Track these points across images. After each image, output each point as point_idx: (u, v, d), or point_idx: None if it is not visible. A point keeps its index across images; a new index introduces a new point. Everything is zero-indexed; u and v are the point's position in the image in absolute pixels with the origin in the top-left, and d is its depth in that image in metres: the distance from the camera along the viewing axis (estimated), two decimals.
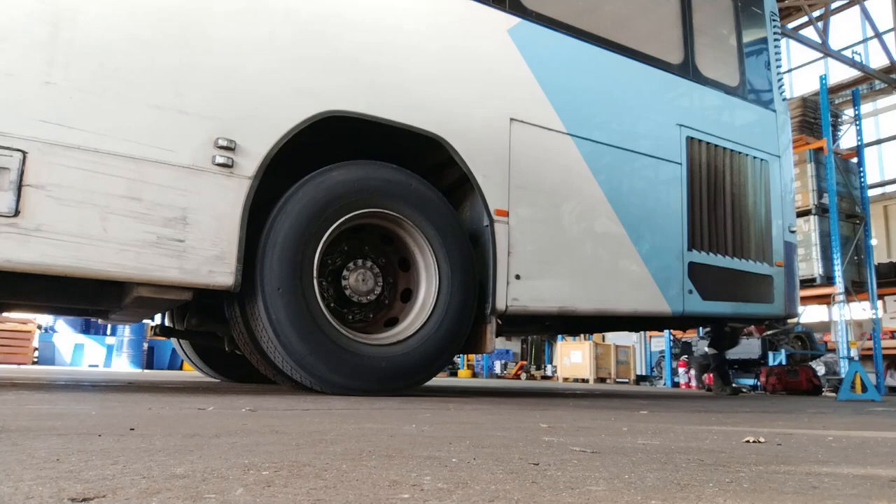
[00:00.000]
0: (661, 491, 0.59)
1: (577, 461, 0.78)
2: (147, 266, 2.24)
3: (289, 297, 2.50)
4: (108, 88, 2.25)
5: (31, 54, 2.14)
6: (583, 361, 11.51)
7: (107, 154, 2.21)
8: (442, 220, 2.89)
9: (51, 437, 0.90)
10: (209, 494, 0.52)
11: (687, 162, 3.96)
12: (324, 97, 2.66)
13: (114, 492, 0.52)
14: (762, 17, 4.66)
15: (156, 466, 0.65)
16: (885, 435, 1.41)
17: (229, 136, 2.43)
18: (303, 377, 2.59)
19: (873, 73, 12.02)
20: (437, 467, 0.70)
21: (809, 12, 11.80)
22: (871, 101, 14.39)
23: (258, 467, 0.66)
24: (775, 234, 4.40)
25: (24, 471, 0.60)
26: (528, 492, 0.57)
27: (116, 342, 10.45)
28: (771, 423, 1.76)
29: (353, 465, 0.69)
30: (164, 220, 2.28)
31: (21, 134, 2.08)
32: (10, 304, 3.37)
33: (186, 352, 4.44)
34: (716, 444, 1.04)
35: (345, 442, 0.93)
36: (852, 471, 0.77)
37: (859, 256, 7.82)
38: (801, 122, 7.83)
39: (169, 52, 2.39)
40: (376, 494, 0.54)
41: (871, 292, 7.71)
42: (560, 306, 3.18)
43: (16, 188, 2.05)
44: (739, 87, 4.41)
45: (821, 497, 0.58)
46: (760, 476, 0.70)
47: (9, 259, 2.04)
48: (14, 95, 2.10)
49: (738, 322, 5.50)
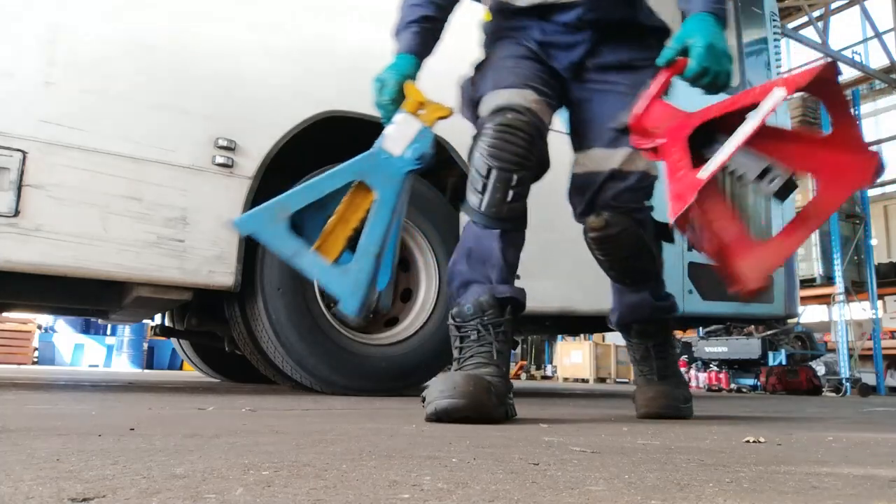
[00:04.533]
0: (661, 491, 0.59)
1: (577, 461, 0.78)
2: (147, 266, 2.24)
3: (289, 297, 2.50)
4: (109, 88, 2.25)
5: (31, 54, 2.15)
6: (583, 361, 11.50)
7: (107, 154, 2.21)
8: (442, 221, 2.88)
9: (51, 437, 0.90)
10: (209, 494, 0.52)
11: None
12: (324, 98, 2.66)
13: (114, 492, 0.52)
14: (762, 17, 4.66)
15: (156, 466, 0.65)
16: (885, 435, 1.41)
17: (229, 135, 2.43)
18: (303, 377, 2.59)
19: (873, 73, 12.03)
20: (437, 467, 0.70)
21: (809, 12, 11.81)
22: (871, 101, 14.39)
23: (258, 467, 0.66)
24: None
25: (24, 471, 0.60)
26: (528, 492, 0.57)
27: (116, 342, 10.45)
28: (771, 423, 1.77)
29: (353, 465, 0.69)
30: (164, 220, 2.28)
31: (21, 134, 2.08)
32: (10, 304, 3.37)
33: (186, 352, 4.44)
34: (716, 444, 1.05)
35: (345, 442, 0.93)
36: (852, 471, 0.77)
37: (859, 256, 7.83)
38: (801, 122, 7.83)
39: (169, 51, 2.39)
40: (376, 494, 0.54)
41: (871, 292, 7.71)
42: (560, 306, 3.17)
43: (16, 188, 2.05)
44: (739, 87, 4.40)
45: (821, 497, 0.58)
46: (760, 476, 0.70)
47: (9, 259, 2.04)
48: (14, 95, 2.10)
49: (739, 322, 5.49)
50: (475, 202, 1.68)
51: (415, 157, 1.70)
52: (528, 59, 1.81)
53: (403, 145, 1.71)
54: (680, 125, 1.63)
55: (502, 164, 1.63)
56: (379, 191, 1.67)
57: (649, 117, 1.66)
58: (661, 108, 1.66)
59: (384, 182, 1.68)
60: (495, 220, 1.66)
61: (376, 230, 1.65)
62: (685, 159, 1.56)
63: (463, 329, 1.61)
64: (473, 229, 1.70)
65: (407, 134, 1.72)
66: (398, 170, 1.69)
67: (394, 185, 1.69)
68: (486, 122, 1.70)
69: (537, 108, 1.72)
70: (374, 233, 1.65)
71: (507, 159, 1.63)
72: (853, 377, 6.90)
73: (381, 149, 1.71)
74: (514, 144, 1.64)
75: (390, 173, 1.69)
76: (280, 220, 1.60)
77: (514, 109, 1.68)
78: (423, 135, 1.73)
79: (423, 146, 1.72)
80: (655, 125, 1.65)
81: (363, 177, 1.67)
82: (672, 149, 1.60)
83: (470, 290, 1.66)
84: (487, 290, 1.63)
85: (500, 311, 1.60)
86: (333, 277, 1.63)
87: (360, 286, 1.62)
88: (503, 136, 1.64)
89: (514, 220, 1.70)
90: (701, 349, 8.44)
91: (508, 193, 1.64)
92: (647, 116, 1.66)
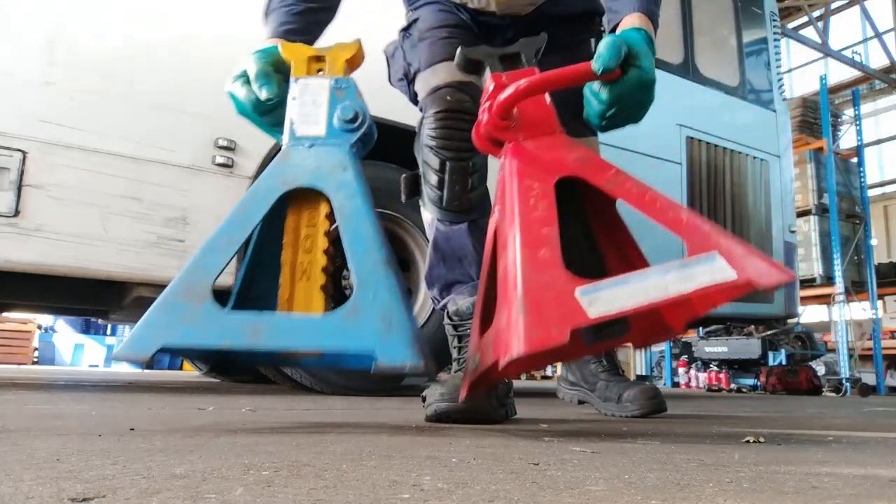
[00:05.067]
0: (661, 491, 0.59)
1: (577, 461, 0.78)
2: (147, 266, 2.24)
3: None
4: (109, 88, 2.25)
5: (31, 54, 2.15)
6: None
7: (107, 154, 2.21)
8: None
9: (51, 437, 0.90)
10: (209, 494, 0.52)
11: (687, 162, 3.96)
12: None
13: (114, 492, 0.52)
14: (762, 17, 4.66)
15: (156, 466, 0.65)
16: (885, 435, 1.41)
17: (229, 135, 2.43)
18: (303, 377, 2.58)
19: (873, 73, 12.03)
20: (437, 467, 0.70)
21: (809, 12, 11.81)
22: (871, 101, 14.39)
23: (258, 467, 0.66)
24: (775, 234, 4.40)
25: (24, 471, 0.60)
26: (528, 492, 0.57)
27: (116, 342, 10.46)
28: (771, 423, 1.76)
29: (353, 465, 0.69)
30: (164, 220, 2.28)
31: (21, 134, 2.08)
32: (10, 304, 3.37)
33: None
34: (716, 444, 1.05)
35: (345, 442, 0.93)
36: (852, 471, 0.77)
37: (859, 256, 7.82)
38: (801, 122, 7.83)
39: (169, 51, 2.39)
40: (376, 494, 0.54)
41: (871, 292, 7.71)
42: None
43: (16, 188, 2.06)
44: (739, 87, 4.40)
45: (821, 497, 0.58)
46: (760, 476, 0.70)
47: (9, 259, 2.04)
48: (14, 95, 2.10)
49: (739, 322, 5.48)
50: (435, 199, 1.56)
51: (346, 119, 1.21)
52: (462, 27, 1.67)
53: (323, 117, 1.22)
54: (554, 147, 1.16)
55: (454, 153, 1.52)
56: (329, 189, 1.16)
57: (525, 108, 1.20)
58: (541, 105, 1.22)
59: (328, 175, 1.17)
60: (459, 213, 1.57)
61: (364, 233, 1.12)
62: (551, 237, 1.00)
63: (461, 328, 1.59)
64: (440, 229, 1.62)
65: (318, 100, 1.23)
66: (337, 149, 1.19)
67: (345, 173, 1.17)
68: (428, 107, 1.58)
69: (475, 78, 1.60)
70: (365, 238, 1.11)
71: (459, 147, 1.52)
72: (853, 377, 6.89)
73: (299, 137, 1.21)
74: (463, 130, 1.49)
75: (330, 160, 1.18)
76: (194, 308, 1.03)
77: (453, 87, 1.56)
78: (342, 87, 1.24)
79: (352, 102, 1.23)
80: (526, 125, 1.20)
81: (295, 183, 1.16)
82: (531, 190, 1.08)
83: (454, 289, 1.63)
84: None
85: None
86: (342, 331, 1.03)
87: (394, 317, 1.03)
88: (449, 124, 1.52)
89: (478, 207, 1.59)
90: (701, 349, 8.42)
91: (468, 182, 1.54)
92: (521, 105, 1.19)
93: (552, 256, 0.98)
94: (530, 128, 1.21)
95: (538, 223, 1.03)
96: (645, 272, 0.99)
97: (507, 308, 0.98)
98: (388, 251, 1.13)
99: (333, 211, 1.16)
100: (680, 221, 1.05)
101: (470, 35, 1.68)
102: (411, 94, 1.72)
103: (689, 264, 1.00)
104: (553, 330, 0.90)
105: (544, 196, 1.06)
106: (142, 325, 1.03)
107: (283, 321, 1.07)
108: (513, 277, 0.99)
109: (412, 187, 1.65)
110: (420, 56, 1.66)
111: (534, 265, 0.98)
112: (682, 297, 0.97)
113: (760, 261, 0.98)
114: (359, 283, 1.06)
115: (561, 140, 1.19)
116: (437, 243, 1.64)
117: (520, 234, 1.02)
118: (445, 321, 1.65)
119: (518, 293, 0.95)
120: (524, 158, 1.16)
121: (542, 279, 0.96)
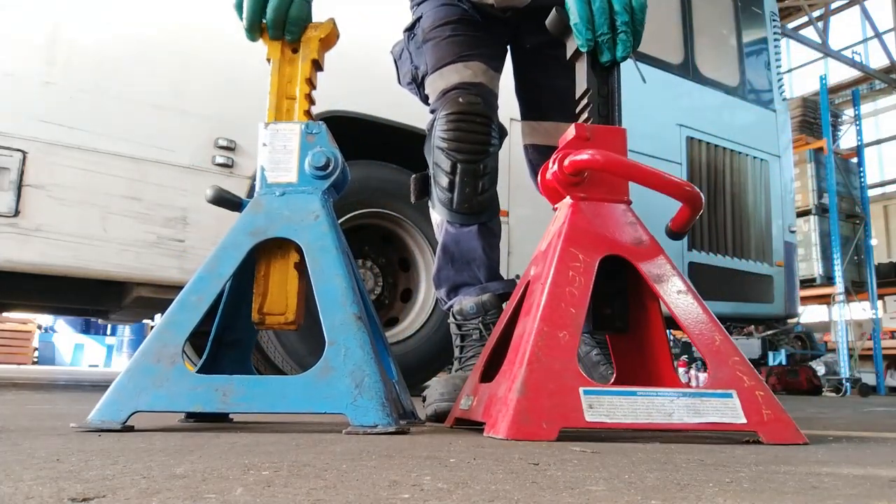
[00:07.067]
0: (661, 491, 0.59)
1: (577, 461, 0.78)
2: (147, 266, 2.24)
3: None
4: (109, 88, 2.25)
5: (31, 54, 2.15)
6: None
7: (107, 154, 2.21)
8: None
9: (51, 437, 0.90)
10: (209, 494, 0.52)
11: (687, 162, 3.96)
12: (327, 97, 2.65)
13: (114, 492, 0.52)
14: (762, 17, 4.66)
15: (156, 466, 0.65)
16: (885, 435, 1.41)
17: (229, 135, 2.43)
18: None
19: (873, 73, 12.03)
20: (437, 467, 0.70)
21: (809, 12, 11.81)
22: (871, 101, 14.39)
23: (258, 467, 0.66)
24: (775, 234, 4.40)
25: (24, 471, 0.60)
26: (528, 492, 0.57)
27: (116, 342, 10.46)
28: None
29: (353, 465, 0.69)
30: (164, 220, 2.28)
31: (21, 134, 2.08)
32: (10, 304, 3.37)
33: (186, 352, 4.44)
34: (716, 444, 1.04)
35: (345, 442, 0.93)
36: (852, 471, 0.77)
37: (859, 256, 7.82)
38: (801, 122, 7.83)
39: (169, 51, 2.39)
40: (376, 494, 0.54)
41: (871, 292, 7.71)
42: None
43: (16, 188, 2.06)
44: (739, 87, 4.40)
45: (821, 497, 0.58)
46: (760, 476, 0.70)
47: (9, 259, 2.04)
48: (14, 95, 2.10)
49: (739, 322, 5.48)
50: (445, 201, 1.55)
51: (318, 166, 1.19)
52: (465, 21, 1.65)
53: (294, 163, 1.21)
54: (613, 218, 1.12)
55: (467, 155, 1.52)
56: (301, 240, 1.16)
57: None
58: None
59: (299, 224, 1.17)
60: (470, 215, 1.57)
61: (335, 288, 1.11)
62: (576, 321, 0.97)
63: (464, 327, 1.59)
64: (450, 231, 1.61)
65: (289, 146, 1.23)
66: (309, 196, 1.19)
67: (317, 222, 1.17)
68: (439, 109, 1.57)
69: (486, 78, 1.60)
70: (336, 293, 1.10)
71: (471, 150, 1.52)
72: (853, 377, 6.90)
73: (270, 184, 1.21)
74: (475, 132, 1.52)
75: (301, 209, 1.18)
76: (164, 371, 1.03)
77: (464, 89, 1.56)
78: (313, 132, 1.23)
79: (324, 148, 1.21)
80: (593, 185, 1.16)
81: (266, 234, 1.16)
82: (574, 260, 1.03)
83: (462, 291, 1.63)
84: (486, 290, 1.61)
85: (501, 310, 1.59)
86: (313, 392, 1.02)
87: (365, 377, 1.02)
88: (461, 126, 1.52)
89: (488, 210, 1.60)
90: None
91: (479, 185, 1.54)
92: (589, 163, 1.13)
93: (569, 343, 0.96)
94: (597, 189, 1.17)
95: (568, 301, 1.00)
96: (656, 391, 0.97)
97: (509, 379, 0.96)
98: (360, 306, 1.11)
99: (305, 261, 1.16)
100: (713, 343, 1.03)
101: (473, 28, 1.67)
102: (422, 97, 1.72)
103: (703, 396, 0.98)
104: (544, 425, 0.90)
105: (585, 272, 1.04)
106: (114, 390, 1.03)
107: (254, 383, 1.05)
108: (523, 350, 0.97)
109: (421, 188, 1.65)
110: (426, 59, 1.66)
111: (548, 348, 0.95)
112: (685, 427, 0.96)
113: (775, 420, 0.99)
114: (329, 341, 1.06)
115: (622, 213, 1.15)
116: (446, 246, 1.63)
117: (545, 306, 1.00)
118: (449, 320, 1.65)
119: (521, 373, 0.94)
120: (579, 224, 1.12)
121: (551, 367, 0.94)
